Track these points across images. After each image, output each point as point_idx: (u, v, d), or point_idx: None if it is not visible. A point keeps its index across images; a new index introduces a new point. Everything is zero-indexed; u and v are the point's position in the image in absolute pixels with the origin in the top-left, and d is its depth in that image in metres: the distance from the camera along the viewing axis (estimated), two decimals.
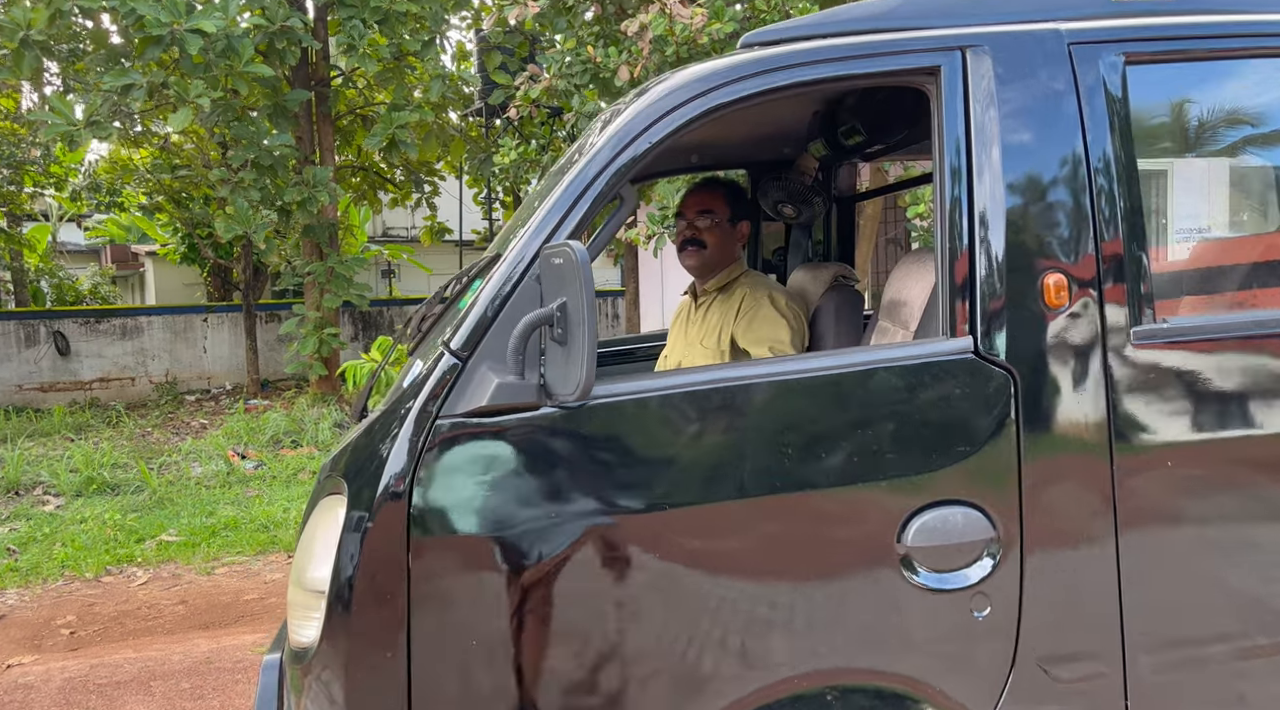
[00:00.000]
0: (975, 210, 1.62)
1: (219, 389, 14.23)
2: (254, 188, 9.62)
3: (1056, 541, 1.60)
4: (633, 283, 11.94)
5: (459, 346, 1.54)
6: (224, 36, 8.86)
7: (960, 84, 1.65)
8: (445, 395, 1.52)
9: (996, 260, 1.61)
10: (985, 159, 1.63)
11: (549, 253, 1.52)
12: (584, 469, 1.54)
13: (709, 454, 1.57)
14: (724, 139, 2.71)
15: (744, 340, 2.50)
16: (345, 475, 1.59)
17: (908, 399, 1.59)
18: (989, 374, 1.60)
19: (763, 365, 1.68)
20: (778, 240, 3.12)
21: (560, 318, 1.48)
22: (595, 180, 1.60)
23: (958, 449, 1.58)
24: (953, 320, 1.63)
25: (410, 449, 1.51)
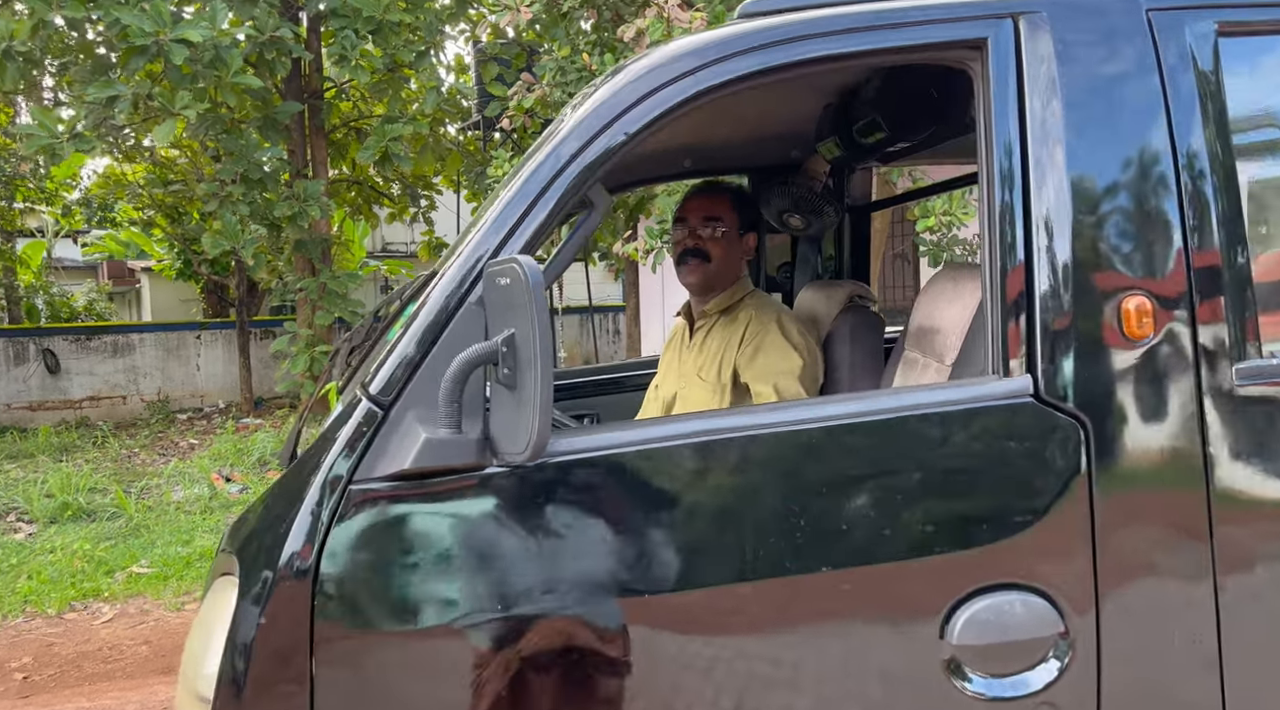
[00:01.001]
0: (1033, 219, 1.30)
1: (211, 407, 13.99)
2: (243, 202, 9.36)
3: (1143, 637, 1.26)
4: (633, 298, 11.63)
5: (380, 391, 1.21)
6: (211, 47, 8.61)
7: (1012, 62, 1.32)
8: (361, 453, 1.20)
9: (1061, 280, 1.28)
10: (1045, 155, 1.30)
11: (494, 271, 1.19)
12: (539, 546, 1.22)
13: (698, 526, 1.25)
14: (721, 139, 2.38)
15: (746, 373, 2.17)
16: (238, 552, 1.26)
17: (948, 454, 1.27)
18: (1053, 423, 1.26)
19: (768, 413, 1.34)
20: (783, 254, 2.78)
21: (507, 354, 1.16)
22: (556, 179, 1.28)
23: (1014, 518, 1.25)
24: (1005, 355, 1.29)
25: (316, 521, 1.19)
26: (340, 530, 1.20)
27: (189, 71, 8.70)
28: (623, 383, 2.70)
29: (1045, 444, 1.27)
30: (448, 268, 1.28)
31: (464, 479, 1.22)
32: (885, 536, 1.25)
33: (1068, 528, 1.26)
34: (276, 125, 10.14)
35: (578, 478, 1.24)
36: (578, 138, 1.29)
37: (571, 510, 1.24)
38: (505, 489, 1.22)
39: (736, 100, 1.99)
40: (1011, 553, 1.26)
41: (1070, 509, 1.26)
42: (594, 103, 1.32)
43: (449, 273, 1.27)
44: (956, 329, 1.59)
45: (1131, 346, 1.28)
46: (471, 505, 1.22)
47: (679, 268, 2.31)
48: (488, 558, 1.22)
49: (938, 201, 7.38)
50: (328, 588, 1.20)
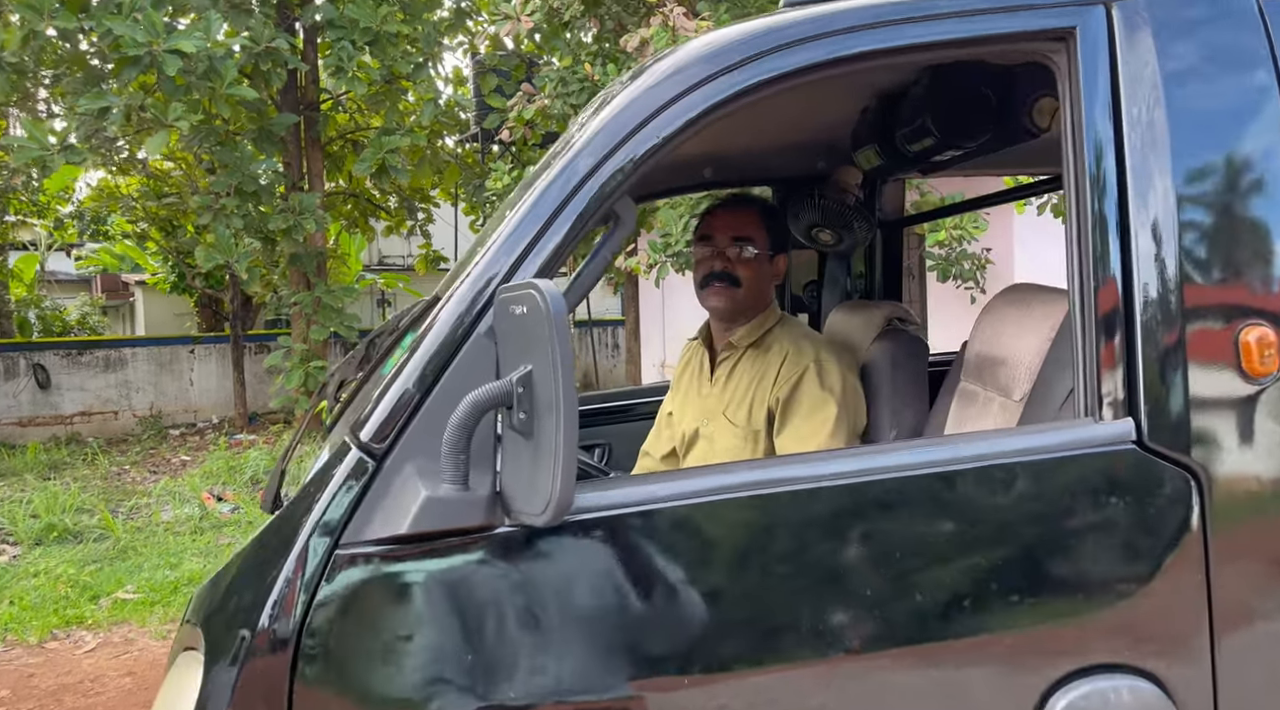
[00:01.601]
0: (1132, 235, 1.12)
1: (205, 423, 13.81)
2: (236, 215, 9.21)
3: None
4: (633, 311, 11.47)
5: (372, 438, 1.03)
6: (205, 57, 8.46)
7: (1104, 54, 1.15)
8: (349, 512, 1.01)
9: (1167, 307, 1.11)
10: (1145, 160, 1.13)
11: (507, 297, 1.01)
12: (561, 621, 1.03)
13: (747, 596, 1.06)
14: (744, 148, 2.20)
15: (778, 434, 1.98)
16: (205, 625, 1.07)
17: (1034, 512, 1.08)
18: (1159, 474, 1.08)
19: (828, 461, 1.15)
20: (809, 272, 2.59)
21: (523, 395, 0.98)
22: (578, 191, 1.10)
23: (1115, 588, 1.08)
24: (1098, 393, 1.11)
25: (296, 591, 1.00)
26: (325, 603, 1.02)
27: (182, 83, 8.54)
28: (633, 410, 2.51)
29: (1150, 499, 1.09)
30: (453, 291, 1.10)
31: (471, 541, 1.03)
32: (964, 608, 1.07)
33: (1179, 599, 1.07)
34: (272, 137, 9.98)
35: (606, 539, 1.05)
36: (602, 144, 1.12)
37: (599, 578, 1.05)
38: (521, 553, 1.04)
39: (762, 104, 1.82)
40: (1114, 629, 1.07)
41: (1181, 577, 1.08)
42: (622, 103, 1.14)
43: (455, 297, 1.09)
44: (1027, 360, 1.41)
45: (1252, 384, 1.10)
46: (481, 572, 1.04)
47: (702, 291, 2.11)
48: (500, 636, 1.03)
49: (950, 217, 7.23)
50: (309, 670, 1.02)
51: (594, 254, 1.17)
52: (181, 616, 1.22)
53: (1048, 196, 7.12)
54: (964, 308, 7.42)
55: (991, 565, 1.08)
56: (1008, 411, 1.45)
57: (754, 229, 2.08)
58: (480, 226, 14.17)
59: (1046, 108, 1.56)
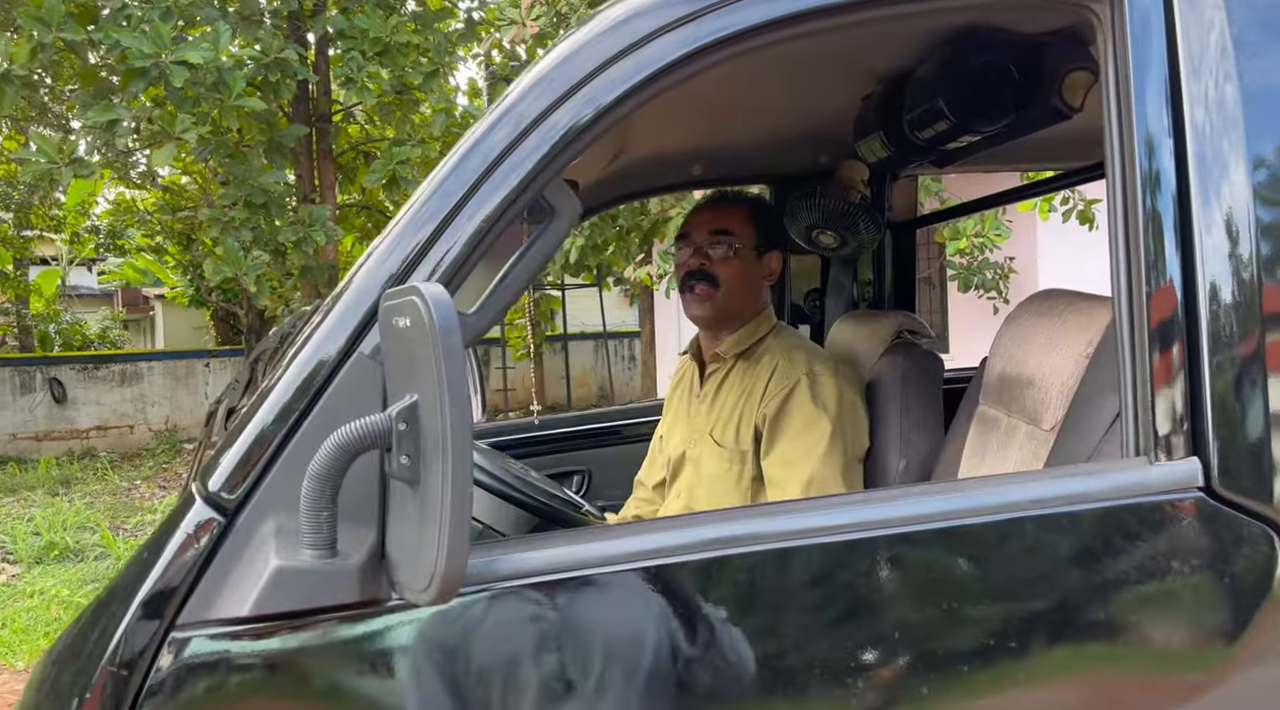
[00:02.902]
0: (1195, 233, 0.88)
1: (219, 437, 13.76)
2: (245, 227, 9.13)
3: None
4: (649, 324, 11.26)
5: (222, 486, 0.81)
6: (213, 69, 8.39)
7: (1160, 14, 0.92)
8: (193, 583, 0.79)
9: (1242, 322, 0.86)
10: (1215, 144, 0.89)
11: (391, 305, 0.79)
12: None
13: (706, 686, 0.82)
14: (736, 141, 1.98)
15: (764, 457, 1.75)
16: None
17: (1074, 578, 0.84)
18: (1234, 528, 0.85)
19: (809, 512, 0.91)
20: (811, 279, 2.35)
21: (405, 434, 0.75)
22: (492, 171, 0.87)
23: (1180, 672, 0.82)
24: (1152, 426, 0.87)
25: (120, 685, 0.77)
26: (156, 696, 0.79)
27: (191, 94, 8.46)
28: (622, 432, 2.28)
29: (1224, 560, 0.85)
30: (334, 299, 0.88)
31: (348, 617, 0.80)
32: (989, 699, 0.83)
33: (1264, 682, 0.83)
34: (282, 149, 9.90)
35: (515, 617, 0.82)
36: (525, 112, 0.89)
37: (505, 666, 0.82)
38: (414, 632, 0.81)
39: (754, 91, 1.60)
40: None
41: (1267, 655, 0.83)
42: (550, 63, 0.92)
43: (337, 306, 0.87)
44: (1059, 382, 1.17)
45: None
46: (358, 654, 0.81)
47: (683, 296, 1.89)
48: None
49: (969, 222, 6.97)
50: None
51: (521, 253, 0.95)
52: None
53: (1074, 202, 6.84)
54: (986, 319, 7.15)
55: (1020, 644, 0.85)
56: (1035, 442, 1.21)
57: (735, 223, 1.86)
58: None
59: (1079, 83, 1.33)
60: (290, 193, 9.92)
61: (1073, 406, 1.14)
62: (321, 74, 10.49)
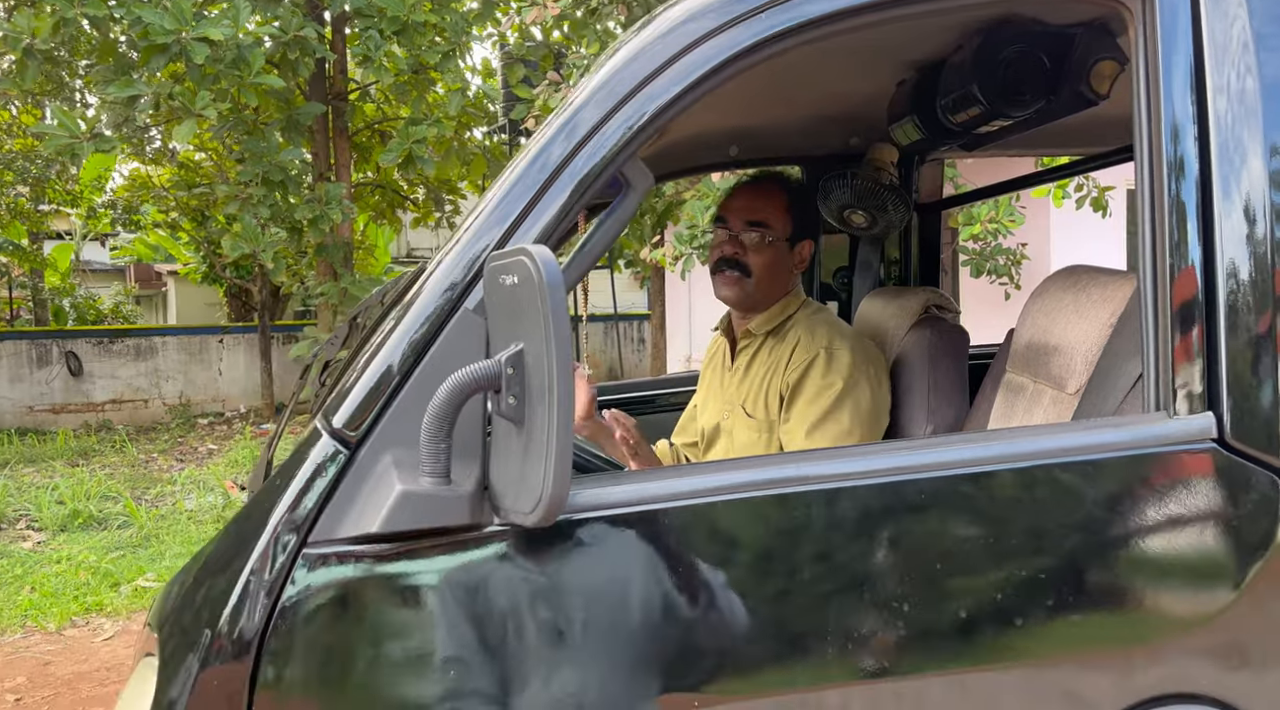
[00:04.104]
0: (1215, 211, 0.98)
1: (233, 412, 13.90)
2: (263, 204, 9.21)
3: None
4: (659, 306, 11.34)
5: (345, 424, 0.92)
6: (233, 46, 8.46)
7: (1187, 9, 1.01)
8: (319, 506, 0.90)
9: (1255, 287, 0.96)
10: (1236, 133, 0.98)
11: (497, 266, 0.89)
12: (553, 631, 0.91)
13: (770, 608, 0.93)
14: (772, 123, 2.07)
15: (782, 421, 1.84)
16: (161, 629, 0.97)
17: (1097, 520, 0.94)
18: (1245, 477, 0.95)
19: (861, 457, 1.02)
20: (840, 258, 2.45)
21: (512, 377, 0.86)
22: (578, 151, 0.97)
23: (1191, 609, 0.93)
24: (1172, 385, 0.97)
25: (258, 592, 0.89)
26: (289, 606, 0.91)
27: (211, 71, 8.53)
28: (657, 401, 2.38)
29: (1234, 505, 0.95)
30: (439, 263, 0.98)
31: (453, 542, 0.91)
32: (1019, 627, 0.93)
33: (1266, 623, 0.93)
34: (299, 127, 9.97)
35: (607, 541, 0.93)
36: (604, 100, 0.99)
37: (596, 585, 0.93)
38: (510, 556, 0.92)
39: (793, 77, 1.68)
40: (1190, 655, 0.94)
41: (1270, 594, 0.93)
42: (626, 56, 1.02)
43: (440, 268, 0.98)
44: (1084, 349, 1.27)
45: None
46: (463, 576, 0.92)
47: (715, 278, 1.98)
48: (485, 646, 0.91)
49: (983, 207, 7.04)
50: (272, 674, 0.91)
51: (600, 221, 1.05)
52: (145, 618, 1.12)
53: (1087, 190, 6.91)
54: (998, 304, 7.22)
55: (1047, 580, 0.95)
56: (1060, 405, 1.31)
57: (772, 212, 1.94)
58: None
59: (1106, 72, 1.42)
60: (307, 170, 9.99)
61: (1096, 371, 1.24)
62: (339, 52, 10.54)
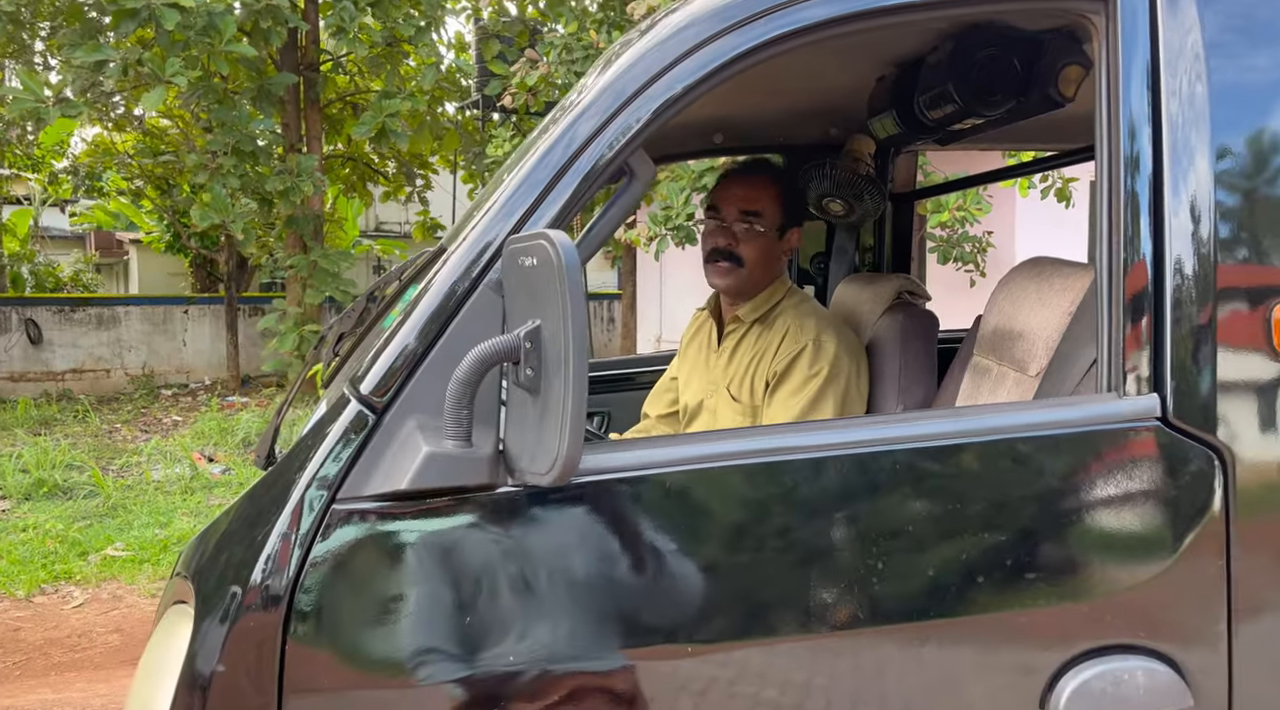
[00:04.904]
0: (1165, 208, 1.08)
1: (197, 384, 13.75)
2: (233, 175, 9.10)
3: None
4: (630, 285, 11.41)
5: (372, 390, 1.00)
6: (204, 12, 8.32)
7: (1145, 19, 1.10)
8: (348, 465, 0.98)
9: (1198, 282, 1.07)
10: (1186, 134, 1.08)
11: (516, 248, 0.97)
12: (563, 584, 1.00)
13: (755, 565, 1.03)
14: (756, 113, 2.15)
15: (766, 405, 1.93)
16: (195, 578, 1.04)
17: (1052, 487, 1.05)
18: (1184, 452, 1.06)
19: (847, 429, 1.12)
20: (816, 244, 2.54)
21: (530, 351, 0.94)
22: (591, 142, 1.05)
23: (1132, 568, 1.04)
24: (1122, 369, 1.07)
25: (290, 544, 0.97)
26: (320, 556, 0.99)
27: (181, 38, 8.41)
28: (635, 379, 2.47)
29: (1174, 478, 1.06)
30: (459, 244, 1.06)
31: (473, 500, 1.00)
32: (978, 584, 1.04)
33: (1198, 582, 1.05)
34: (270, 97, 9.86)
35: (612, 503, 1.02)
36: (610, 101, 1.07)
37: (602, 543, 1.02)
38: (523, 514, 1.01)
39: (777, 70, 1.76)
40: (1131, 610, 1.05)
41: (1201, 559, 1.05)
42: (630, 59, 1.10)
43: (461, 249, 1.05)
44: (1045, 335, 1.38)
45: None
46: (481, 533, 1.00)
47: (706, 266, 2.05)
48: (498, 599, 1.00)
49: (951, 196, 7.17)
50: (303, 624, 0.99)
51: (607, 208, 1.13)
52: (172, 569, 1.19)
53: (1052, 180, 7.07)
54: (963, 291, 7.38)
55: (1006, 541, 1.06)
56: (1022, 386, 1.42)
57: (765, 203, 2.01)
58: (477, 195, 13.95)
59: (1072, 76, 1.52)
60: (277, 142, 9.90)
61: (1056, 356, 1.34)
62: (311, 22, 10.41)
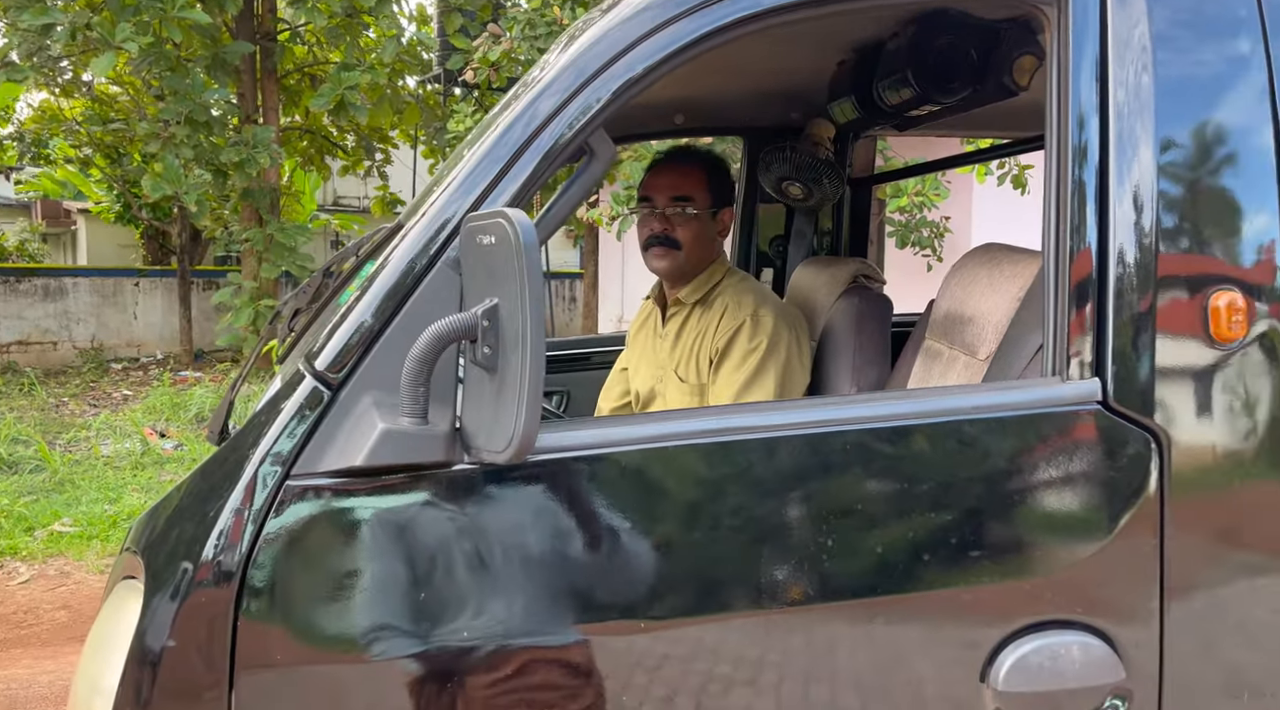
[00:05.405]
0: (1110, 198, 1.11)
1: (149, 358, 13.48)
2: (186, 145, 8.89)
3: (1212, 688, 1.10)
4: (592, 265, 11.38)
5: (328, 366, 0.99)
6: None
7: (1096, 11, 1.12)
8: (303, 441, 0.98)
9: (1140, 270, 1.11)
10: (1131, 125, 1.11)
11: (475, 226, 0.97)
12: (517, 561, 1.01)
13: (709, 543, 1.05)
14: (718, 95, 2.16)
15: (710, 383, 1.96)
16: (145, 552, 1.04)
17: (997, 468, 1.09)
18: (1123, 435, 1.09)
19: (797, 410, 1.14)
20: (776, 226, 2.56)
21: (488, 330, 0.94)
22: (551, 121, 1.05)
23: (1072, 547, 1.08)
24: (1066, 354, 1.11)
25: (244, 520, 0.97)
26: (273, 535, 0.99)
27: (132, 3, 8.19)
28: (591, 359, 2.48)
29: (1112, 459, 1.10)
30: (416, 221, 1.05)
31: (427, 478, 1.00)
32: (925, 561, 1.07)
33: (1133, 560, 1.09)
34: (225, 66, 9.63)
35: (569, 480, 1.03)
36: (580, 71, 1.07)
37: (557, 521, 1.03)
38: (479, 492, 1.01)
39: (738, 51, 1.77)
40: (1069, 586, 1.09)
41: (1137, 538, 1.09)
42: (592, 38, 1.10)
43: (418, 227, 1.05)
44: (994, 320, 1.41)
45: (1218, 350, 1.11)
46: (435, 510, 1.01)
47: (646, 253, 2.08)
48: (452, 576, 1.01)
49: (911, 181, 7.24)
50: (255, 600, 0.99)
51: (567, 187, 1.13)
52: (122, 544, 1.18)
53: (1009, 167, 7.18)
54: (920, 275, 7.48)
55: (952, 520, 1.08)
56: (971, 369, 1.46)
57: (694, 187, 2.04)
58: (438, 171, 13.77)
59: (1026, 65, 1.55)
60: (232, 112, 9.69)
61: (1004, 340, 1.38)
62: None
